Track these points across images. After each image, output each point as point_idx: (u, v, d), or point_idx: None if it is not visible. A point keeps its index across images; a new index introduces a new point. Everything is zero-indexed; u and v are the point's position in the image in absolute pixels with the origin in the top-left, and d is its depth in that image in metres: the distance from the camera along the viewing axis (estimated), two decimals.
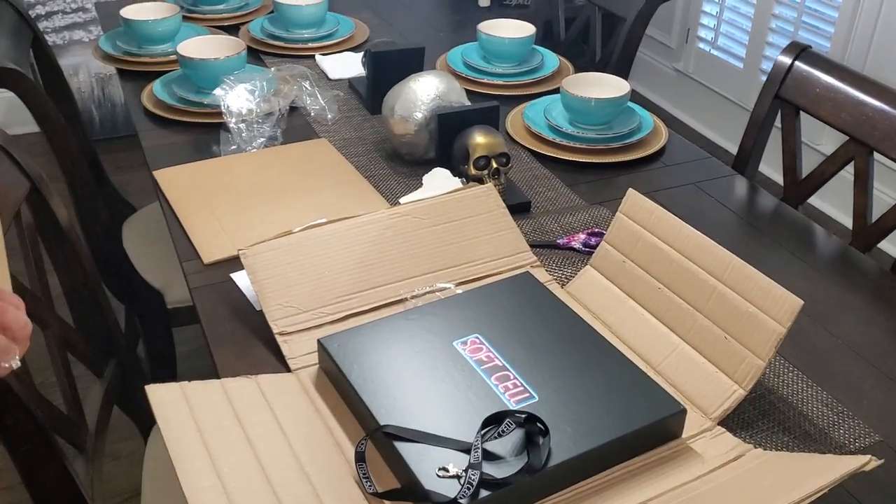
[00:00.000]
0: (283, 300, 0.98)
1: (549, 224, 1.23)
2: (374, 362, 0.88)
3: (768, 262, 1.14)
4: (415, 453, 0.77)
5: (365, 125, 1.50)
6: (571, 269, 1.12)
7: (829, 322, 1.04)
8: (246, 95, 1.41)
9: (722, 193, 1.32)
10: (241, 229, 1.17)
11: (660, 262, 0.98)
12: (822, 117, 1.36)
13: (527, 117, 1.46)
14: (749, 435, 0.87)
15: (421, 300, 1.01)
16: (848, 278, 1.13)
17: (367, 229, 1.05)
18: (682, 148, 1.45)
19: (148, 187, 2.50)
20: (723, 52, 3.20)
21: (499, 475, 0.74)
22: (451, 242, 1.08)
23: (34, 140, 2.43)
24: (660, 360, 0.93)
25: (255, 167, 1.32)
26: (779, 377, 0.95)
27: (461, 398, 0.83)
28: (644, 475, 0.80)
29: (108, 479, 1.72)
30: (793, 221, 1.26)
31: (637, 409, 0.82)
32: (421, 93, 1.31)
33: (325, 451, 0.81)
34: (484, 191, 1.12)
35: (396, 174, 1.34)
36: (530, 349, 0.90)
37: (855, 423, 0.89)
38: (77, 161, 1.52)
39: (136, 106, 1.54)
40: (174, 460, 0.76)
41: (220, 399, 0.85)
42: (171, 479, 1.17)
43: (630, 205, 1.03)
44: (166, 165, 1.32)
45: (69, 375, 1.11)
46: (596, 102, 1.38)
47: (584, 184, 1.33)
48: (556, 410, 0.82)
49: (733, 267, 0.90)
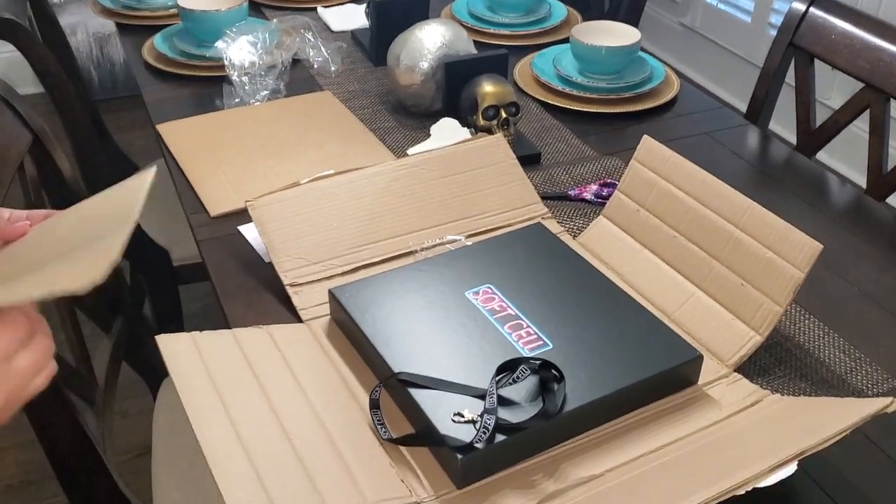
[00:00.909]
0: (293, 252, 0.96)
1: (560, 175, 1.21)
2: (385, 312, 0.87)
3: (782, 211, 1.12)
4: (430, 399, 0.76)
5: (369, 77, 1.47)
6: (583, 220, 1.10)
7: (844, 270, 1.03)
8: (248, 48, 1.38)
9: (735, 143, 1.30)
10: (247, 182, 1.15)
11: (675, 209, 0.96)
12: (838, 65, 1.33)
13: (536, 67, 1.43)
14: (766, 381, 0.86)
15: (430, 252, 1.00)
16: (863, 227, 1.11)
17: (374, 181, 1.03)
18: (694, 98, 1.42)
19: (150, 146, 2.48)
20: (730, 5, 3.15)
21: (514, 420, 0.73)
22: (460, 194, 1.06)
23: (37, 100, 2.41)
24: (675, 308, 0.92)
25: (259, 120, 1.30)
26: (795, 324, 0.94)
27: (474, 346, 0.82)
28: (660, 421, 0.79)
29: (118, 436, 1.71)
30: (807, 171, 1.24)
31: (652, 356, 0.81)
32: (427, 41, 1.29)
33: (339, 398, 0.80)
34: (493, 141, 1.11)
35: (402, 126, 1.32)
36: (543, 299, 0.89)
37: (872, 370, 0.88)
38: (79, 117, 1.50)
39: (137, 61, 1.52)
40: (187, 409, 0.75)
41: (232, 349, 0.84)
42: (181, 431, 1.17)
43: (645, 152, 1.01)
44: (170, 120, 1.31)
45: (76, 328, 1.10)
46: (607, 51, 1.35)
47: (594, 134, 1.31)
48: (570, 358, 0.81)
49: (751, 212, 0.89)
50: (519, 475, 0.74)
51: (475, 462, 0.72)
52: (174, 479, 1.08)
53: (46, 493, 1.61)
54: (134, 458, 1.69)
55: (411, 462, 0.74)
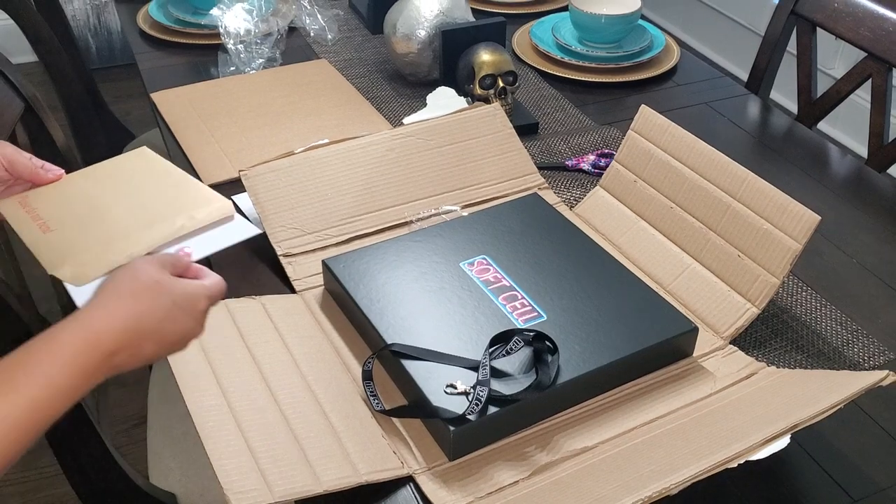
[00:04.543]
0: (286, 222, 0.95)
1: (558, 145, 1.20)
2: (379, 283, 0.86)
3: (782, 181, 1.11)
4: (422, 371, 0.75)
5: (366, 45, 1.45)
6: (580, 190, 1.09)
7: (842, 241, 1.02)
8: (244, 16, 1.36)
9: (735, 113, 1.28)
10: (242, 151, 1.14)
11: (672, 180, 0.95)
12: (840, 33, 1.31)
13: (534, 36, 1.42)
14: (762, 353, 0.85)
15: (426, 223, 0.99)
16: (862, 198, 1.10)
17: (369, 150, 1.02)
18: (694, 67, 1.41)
19: (147, 116, 2.46)
20: None
21: (507, 392, 0.73)
22: (457, 164, 1.05)
23: (31, 69, 2.38)
24: (671, 279, 0.92)
25: (255, 89, 1.28)
26: (792, 296, 0.93)
27: (468, 317, 0.82)
28: (655, 393, 0.79)
29: (115, 406, 1.72)
30: (807, 141, 1.22)
31: (648, 328, 0.81)
32: (424, 9, 1.27)
33: (332, 370, 0.80)
34: (490, 111, 1.09)
35: (399, 95, 1.30)
36: (538, 270, 0.88)
37: (869, 342, 0.87)
38: (73, 85, 1.48)
39: (132, 29, 1.50)
40: (179, 381, 0.75)
41: (224, 319, 0.83)
42: (176, 401, 1.16)
43: (642, 122, 0.99)
44: (164, 88, 1.29)
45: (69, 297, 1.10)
46: (606, 19, 1.33)
47: (593, 104, 1.30)
48: (564, 329, 0.81)
49: (748, 183, 0.88)
50: (512, 447, 0.74)
51: (467, 434, 0.71)
52: (169, 449, 1.09)
53: (42, 462, 1.62)
54: (131, 428, 1.69)
55: (403, 434, 0.74)
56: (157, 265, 0.59)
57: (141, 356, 0.57)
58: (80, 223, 0.74)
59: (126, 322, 0.56)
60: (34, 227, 0.73)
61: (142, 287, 0.57)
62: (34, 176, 0.74)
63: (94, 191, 0.79)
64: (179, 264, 0.62)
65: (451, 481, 0.70)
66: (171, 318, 0.58)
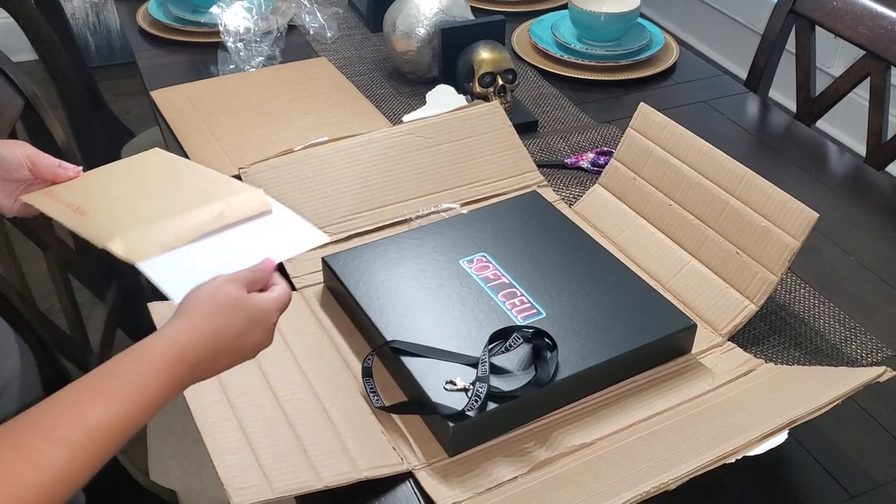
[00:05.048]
0: None
1: (557, 143, 1.20)
2: (379, 280, 0.87)
3: (780, 179, 1.11)
4: (422, 367, 0.76)
5: (366, 43, 1.45)
6: (579, 188, 1.10)
7: (841, 239, 1.02)
8: (243, 14, 1.37)
9: (734, 111, 1.29)
10: (242, 149, 1.14)
11: (671, 177, 0.95)
12: (839, 32, 1.31)
13: (533, 34, 1.42)
14: (760, 350, 0.86)
15: (425, 220, 1.00)
16: (860, 196, 1.10)
17: (369, 148, 1.02)
18: (693, 65, 1.41)
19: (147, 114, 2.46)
20: None
21: (506, 388, 0.73)
22: (456, 162, 1.05)
23: (31, 68, 2.38)
24: (669, 277, 0.92)
25: (254, 87, 1.29)
26: (790, 293, 0.93)
27: (468, 315, 0.82)
28: (653, 389, 0.79)
29: None
30: (805, 139, 1.23)
31: (646, 325, 0.81)
32: (423, 7, 1.27)
33: (332, 366, 0.80)
34: (489, 108, 1.10)
35: (399, 94, 1.31)
36: (537, 267, 0.89)
37: (867, 339, 0.88)
38: (73, 83, 1.48)
39: (132, 27, 1.50)
40: None
41: None
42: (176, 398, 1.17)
43: (641, 119, 1.00)
44: (164, 86, 1.29)
45: (70, 294, 1.10)
46: (605, 17, 1.34)
47: (592, 102, 1.30)
48: (563, 326, 0.81)
49: (747, 181, 0.88)
50: (511, 443, 0.74)
51: (467, 430, 0.72)
52: (169, 446, 1.09)
53: None
54: None
55: (403, 430, 0.75)
56: (235, 284, 0.62)
57: (218, 367, 0.61)
58: (114, 207, 0.73)
59: (207, 339, 0.59)
60: (69, 213, 0.72)
61: (221, 306, 0.61)
62: (55, 175, 0.75)
63: (119, 183, 0.77)
64: (256, 280, 0.65)
65: (451, 477, 0.71)
66: (246, 333, 0.62)
